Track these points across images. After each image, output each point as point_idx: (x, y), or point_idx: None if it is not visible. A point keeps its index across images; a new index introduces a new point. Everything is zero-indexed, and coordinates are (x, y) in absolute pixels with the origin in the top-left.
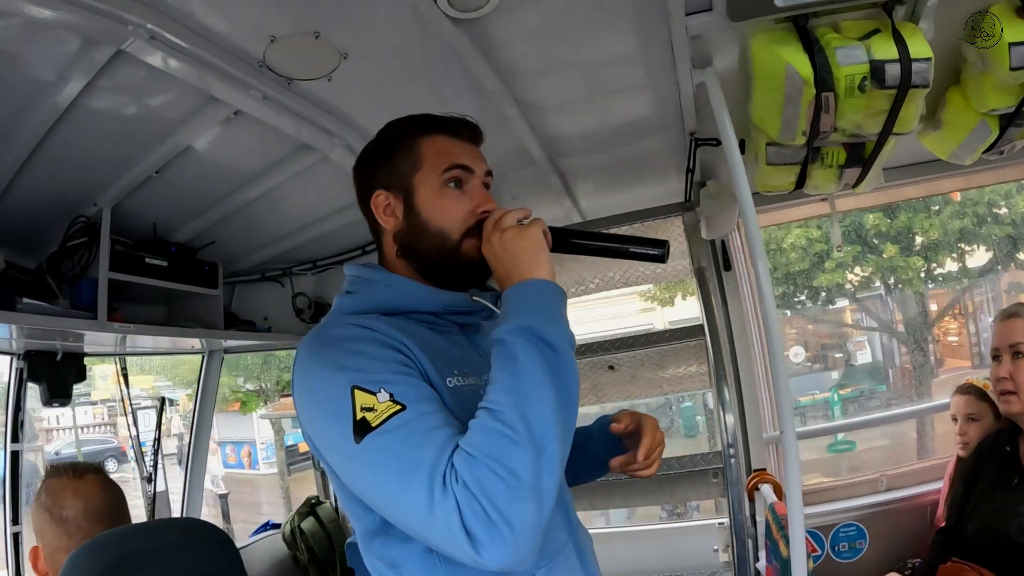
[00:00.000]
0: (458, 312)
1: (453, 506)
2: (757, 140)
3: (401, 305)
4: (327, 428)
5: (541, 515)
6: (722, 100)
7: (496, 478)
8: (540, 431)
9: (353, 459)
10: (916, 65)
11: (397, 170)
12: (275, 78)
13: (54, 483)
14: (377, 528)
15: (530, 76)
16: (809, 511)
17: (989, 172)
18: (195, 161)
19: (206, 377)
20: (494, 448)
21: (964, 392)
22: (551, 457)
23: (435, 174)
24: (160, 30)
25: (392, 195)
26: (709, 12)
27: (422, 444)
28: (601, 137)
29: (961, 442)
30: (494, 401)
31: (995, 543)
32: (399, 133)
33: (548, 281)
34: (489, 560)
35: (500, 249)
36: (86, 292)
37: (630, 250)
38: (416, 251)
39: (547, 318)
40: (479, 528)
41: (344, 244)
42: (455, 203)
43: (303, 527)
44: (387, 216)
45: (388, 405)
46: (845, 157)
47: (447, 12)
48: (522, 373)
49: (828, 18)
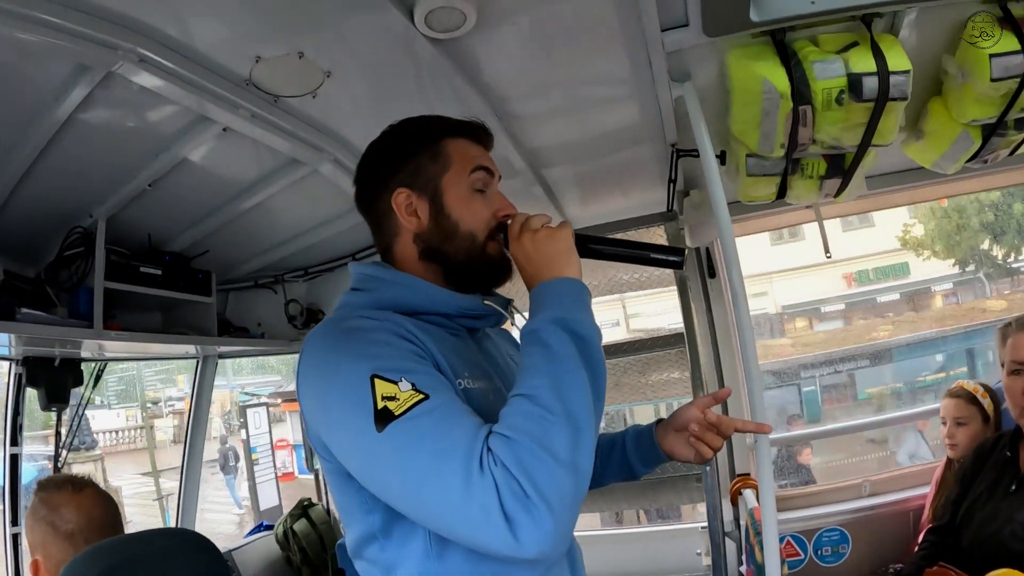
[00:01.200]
0: (470, 316)
1: (491, 488)
2: (737, 152)
3: (415, 305)
4: (343, 418)
5: (579, 493)
6: (700, 114)
7: (537, 458)
8: (577, 412)
9: (374, 449)
10: (894, 78)
11: (424, 170)
12: (262, 96)
13: (55, 497)
14: (376, 530)
15: (511, 91)
16: (793, 515)
17: (975, 179)
18: (188, 174)
19: (200, 383)
20: (534, 429)
21: (954, 396)
22: (587, 437)
23: (463, 176)
24: (149, 53)
25: (416, 194)
26: (685, 28)
27: (453, 429)
28: (584, 148)
29: (949, 444)
30: (530, 386)
31: (988, 548)
32: (422, 132)
33: (577, 279)
34: (528, 541)
35: (532, 250)
36: (83, 301)
37: (651, 256)
38: (443, 252)
39: (578, 312)
40: (519, 508)
41: (335, 252)
42: (481, 206)
43: (296, 528)
44: (409, 215)
45: (411, 394)
46: (825, 168)
47: (425, 33)
48: (558, 360)
49: (806, 31)
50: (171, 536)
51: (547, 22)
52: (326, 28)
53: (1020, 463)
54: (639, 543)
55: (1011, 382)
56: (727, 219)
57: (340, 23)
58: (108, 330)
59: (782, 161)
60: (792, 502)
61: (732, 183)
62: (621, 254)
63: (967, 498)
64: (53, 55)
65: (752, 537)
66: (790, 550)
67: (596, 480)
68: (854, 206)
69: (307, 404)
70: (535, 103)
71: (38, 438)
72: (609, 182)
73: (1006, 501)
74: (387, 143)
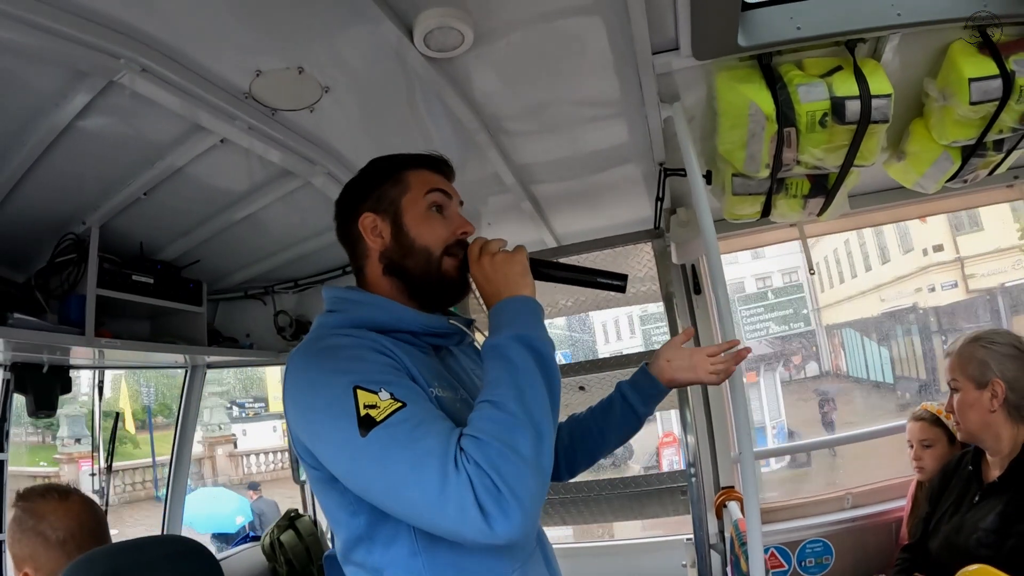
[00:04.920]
0: (435, 334)
1: (466, 483)
2: (724, 171)
3: (385, 323)
4: (329, 426)
5: (542, 489)
6: (687, 135)
7: (504, 456)
8: (538, 417)
9: (358, 453)
10: (876, 101)
11: (386, 195)
12: (260, 108)
13: (40, 506)
14: (362, 533)
15: (503, 109)
16: (776, 527)
17: (956, 198)
18: (182, 184)
19: (188, 392)
20: (501, 431)
21: (918, 419)
22: (547, 439)
23: (420, 197)
24: (151, 63)
25: (379, 217)
26: (676, 51)
27: (429, 433)
28: (573, 165)
29: (917, 467)
30: (495, 394)
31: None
32: (386, 166)
33: (532, 298)
34: (501, 530)
35: (491, 271)
36: (74, 308)
37: (597, 280)
38: (402, 267)
39: (535, 328)
40: (491, 501)
41: (325, 264)
42: (438, 224)
43: (282, 539)
44: (374, 236)
45: (390, 402)
46: (809, 187)
47: (423, 52)
48: (519, 372)
49: (792, 55)
50: (165, 543)
51: (541, 44)
52: (326, 45)
53: (983, 475)
54: (625, 555)
55: (949, 400)
56: (713, 237)
57: (340, 40)
58: (99, 338)
59: (767, 181)
60: (776, 514)
61: (718, 201)
62: (570, 278)
63: (936, 513)
64: (55, 62)
65: (737, 549)
66: (774, 561)
67: (599, 444)
68: (838, 224)
69: (294, 416)
70: (526, 121)
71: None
72: (597, 199)
73: (971, 512)
74: (358, 179)
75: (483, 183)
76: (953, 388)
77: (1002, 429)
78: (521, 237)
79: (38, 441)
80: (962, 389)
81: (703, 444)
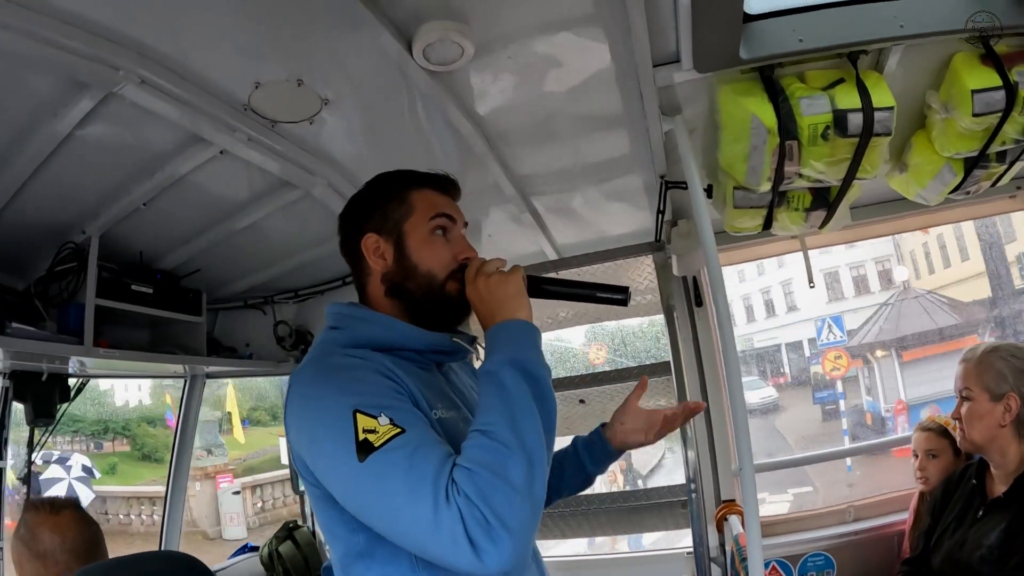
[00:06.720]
0: (439, 352)
1: (456, 516)
2: (725, 184)
3: (390, 342)
4: (329, 448)
5: (535, 518)
6: (689, 148)
7: (495, 487)
8: (531, 445)
9: (356, 477)
10: (878, 114)
11: (390, 217)
12: (259, 120)
13: (32, 518)
14: (362, 550)
15: (503, 121)
16: (777, 541)
17: (958, 209)
18: (182, 193)
19: (188, 402)
20: (492, 461)
21: (925, 429)
22: (541, 467)
23: (424, 222)
24: (150, 75)
25: (383, 238)
26: (677, 64)
27: (424, 461)
28: (574, 177)
29: (921, 477)
30: (487, 423)
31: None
32: (391, 184)
33: (528, 321)
34: (491, 563)
35: (485, 292)
36: (73, 317)
37: (597, 295)
38: (405, 290)
39: (530, 352)
40: (481, 534)
41: (325, 274)
42: (442, 249)
43: (281, 550)
44: (377, 258)
45: (389, 428)
46: (811, 200)
47: (423, 65)
48: (512, 398)
49: (794, 68)
50: (160, 559)
51: (542, 56)
52: (326, 57)
53: (987, 489)
54: (625, 568)
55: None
56: (714, 250)
57: (340, 53)
58: (98, 347)
59: (768, 194)
60: (777, 528)
61: (719, 214)
62: (571, 293)
63: (937, 528)
64: (55, 73)
65: (737, 563)
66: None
67: (553, 493)
68: (839, 236)
69: (295, 433)
70: (527, 133)
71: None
72: (598, 211)
73: (974, 528)
74: (363, 195)
75: (483, 194)
76: (964, 397)
77: (1009, 445)
78: (521, 248)
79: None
80: (975, 399)
81: (704, 457)
